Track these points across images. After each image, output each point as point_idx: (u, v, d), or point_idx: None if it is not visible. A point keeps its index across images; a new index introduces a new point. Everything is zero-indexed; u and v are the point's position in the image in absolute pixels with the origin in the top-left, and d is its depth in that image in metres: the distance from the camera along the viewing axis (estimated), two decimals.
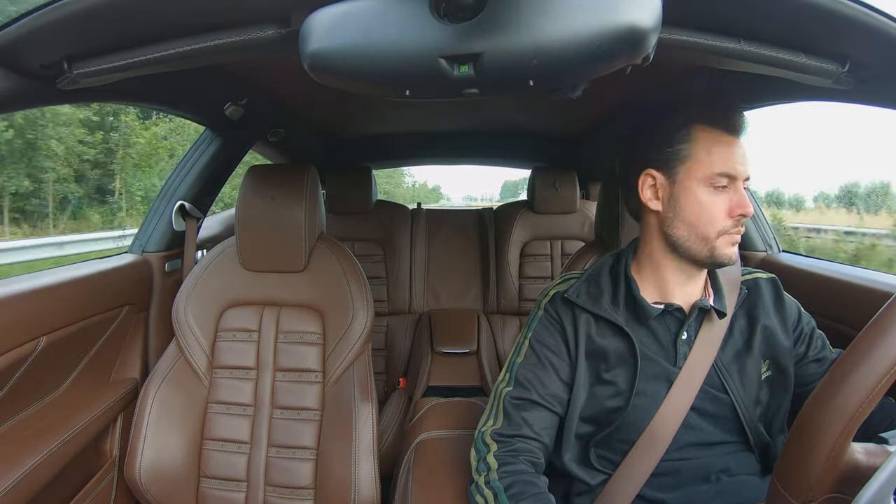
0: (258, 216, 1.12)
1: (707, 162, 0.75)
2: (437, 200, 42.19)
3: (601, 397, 0.79)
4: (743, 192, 0.75)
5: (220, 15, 0.62)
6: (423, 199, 34.76)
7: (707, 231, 0.76)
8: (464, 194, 60.88)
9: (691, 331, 0.80)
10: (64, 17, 0.58)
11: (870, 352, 0.47)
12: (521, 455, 0.77)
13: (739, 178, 0.75)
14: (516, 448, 0.78)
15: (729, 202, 0.75)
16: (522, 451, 0.78)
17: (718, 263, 0.77)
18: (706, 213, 0.76)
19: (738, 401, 0.78)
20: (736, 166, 0.75)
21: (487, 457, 0.78)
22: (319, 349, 1.10)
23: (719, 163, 0.75)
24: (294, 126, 1.60)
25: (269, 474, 1.06)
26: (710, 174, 0.75)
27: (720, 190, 0.75)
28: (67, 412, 1.00)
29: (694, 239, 0.77)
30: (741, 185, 0.75)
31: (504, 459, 0.77)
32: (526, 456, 0.78)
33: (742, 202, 0.75)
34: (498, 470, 0.76)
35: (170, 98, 1.07)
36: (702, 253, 0.77)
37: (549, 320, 0.85)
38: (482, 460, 0.78)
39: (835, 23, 0.57)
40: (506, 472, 0.76)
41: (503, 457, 0.77)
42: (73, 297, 1.01)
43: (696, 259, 0.78)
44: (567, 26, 0.47)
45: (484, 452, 0.79)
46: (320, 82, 0.56)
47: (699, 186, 0.76)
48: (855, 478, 0.47)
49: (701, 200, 0.76)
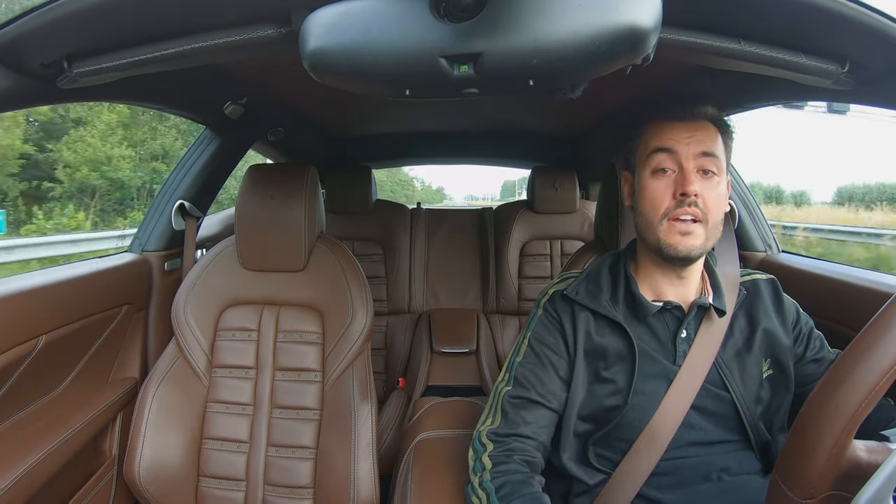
0: (258, 215, 1.12)
1: (645, 146, 0.78)
2: (441, 200, 43.99)
3: (600, 395, 0.79)
4: (689, 171, 0.74)
5: (220, 14, 0.62)
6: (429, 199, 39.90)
7: (651, 216, 0.77)
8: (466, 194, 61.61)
9: (691, 329, 0.80)
10: (64, 15, 0.58)
11: (873, 348, 0.47)
12: (516, 454, 0.77)
13: (682, 156, 0.75)
14: (511, 447, 0.78)
15: (674, 185, 0.75)
16: (517, 451, 0.78)
17: (665, 254, 0.76)
18: (649, 199, 0.77)
19: (739, 399, 0.78)
20: (671, 142, 0.75)
21: (483, 457, 0.78)
22: (319, 349, 1.10)
23: (653, 140, 0.77)
24: (294, 125, 1.60)
25: (268, 473, 1.06)
26: (647, 153, 0.77)
27: (662, 174, 0.76)
28: (67, 411, 1.00)
29: (645, 227, 0.78)
30: (689, 164, 0.75)
31: (498, 459, 0.77)
32: (520, 455, 0.77)
33: (683, 181, 0.74)
34: (491, 470, 0.76)
35: (169, 97, 1.07)
36: (652, 242, 0.77)
37: (549, 319, 0.85)
38: (478, 460, 0.78)
39: (834, 23, 0.57)
40: (498, 472, 0.75)
41: (497, 456, 0.77)
42: (72, 297, 1.01)
43: (651, 249, 0.79)
44: (567, 26, 0.47)
45: (480, 452, 0.79)
46: (320, 82, 0.56)
47: (643, 172, 0.78)
48: (856, 475, 0.47)
49: (644, 186, 0.78)
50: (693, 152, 0.75)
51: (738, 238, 1.38)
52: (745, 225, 1.39)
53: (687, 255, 0.75)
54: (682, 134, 0.76)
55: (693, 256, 0.76)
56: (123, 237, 7.90)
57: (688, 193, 0.73)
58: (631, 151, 0.83)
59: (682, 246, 0.74)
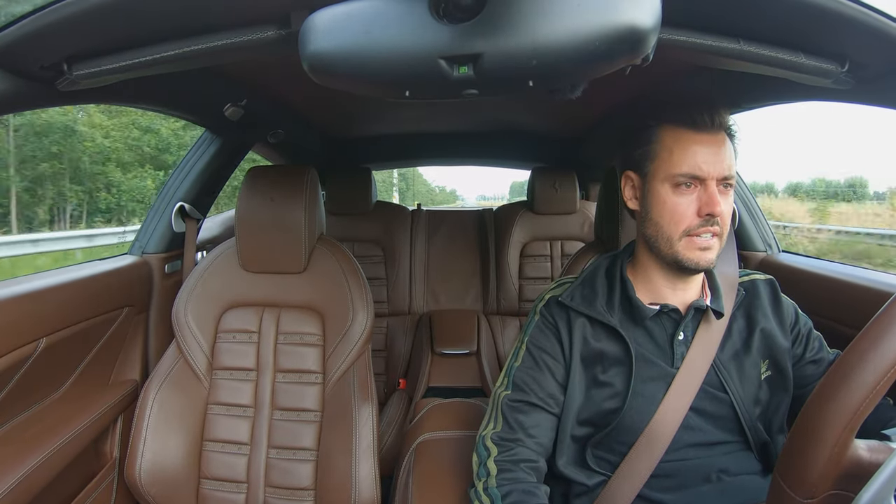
0: (258, 217, 1.12)
1: (669, 161, 0.75)
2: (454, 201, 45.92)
3: (598, 399, 0.79)
4: (713, 190, 0.73)
5: (220, 16, 0.62)
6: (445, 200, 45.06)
7: (670, 231, 0.75)
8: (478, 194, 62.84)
9: (688, 331, 0.80)
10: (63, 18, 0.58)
11: (875, 346, 0.47)
12: (522, 463, 0.77)
13: (708, 178, 0.73)
14: (516, 453, 0.78)
15: (698, 201, 0.74)
16: (523, 459, 0.78)
17: (683, 267, 0.76)
18: (669, 213, 0.75)
19: (738, 400, 0.78)
20: (700, 166, 0.73)
21: (488, 462, 0.78)
22: (319, 350, 1.10)
23: (681, 163, 0.74)
24: (294, 127, 1.60)
25: (269, 475, 1.06)
26: (672, 174, 0.75)
27: (686, 189, 0.74)
28: (67, 413, 1.00)
29: (660, 239, 0.77)
30: (712, 184, 0.73)
31: (504, 466, 0.77)
32: (526, 463, 0.77)
33: (709, 201, 0.73)
34: (497, 476, 0.76)
35: (169, 99, 1.07)
36: (667, 254, 0.77)
37: (545, 324, 0.85)
38: (482, 465, 0.78)
39: (834, 23, 0.57)
40: (505, 479, 0.75)
41: (503, 463, 0.77)
42: (73, 299, 1.01)
43: (665, 260, 0.78)
44: (566, 26, 0.47)
45: (484, 457, 0.79)
46: (320, 83, 0.56)
47: (663, 186, 0.76)
48: (857, 474, 0.47)
49: (665, 200, 0.76)
50: (718, 174, 0.73)
51: (739, 238, 1.38)
52: (745, 225, 1.39)
53: (707, 268, 0.76)
54: (707, 153, 0.73)
55: (710, 267, 0.77)
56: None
57: (714, 215, 0.73)
58: (643, 156, 0.79)
59: (703, 261, 0.75)
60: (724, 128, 0.76)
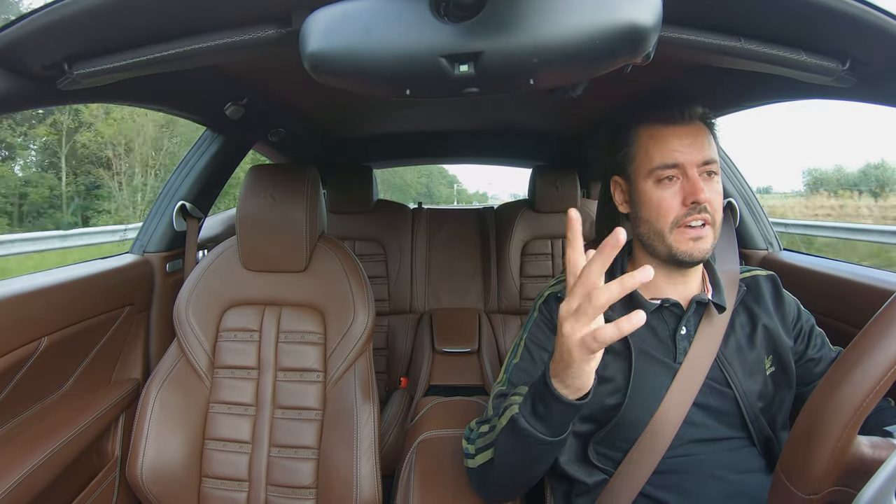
0: (259, 216, 1.12)
1: (647, 158, 0.77)
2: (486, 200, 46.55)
3: (600, 395, 0.79)
4: (695, 177, 0.74)
5: (221, 15, 0.62)
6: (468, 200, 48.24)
7: (660, 225, 0.77)
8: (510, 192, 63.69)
9: (690, 326, 0.80)
10: (64, 17, 0.58)
11: (877, 344, 0.47)
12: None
13: (687, 165, 0.75)
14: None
15: (682, 192, 0.75)
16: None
17: (678, 260, 0.77)
18: (656, 208, 0.77)
19: (741, 395, 0.78)
20: (676, 154, 0.75)
21: (472, 429, 0.81)
22: (321, 349, 1.10)
23: (658, 156, 0.76)
24: (294, 126, 1.60)
25: (270, 474, 1.06)
26: (652, 168, 0.76)
27: (669, 182, 0.76)
28: (69, 413, 1.01)
29: (652, 235, 0.78)
30: (693, 171, 0.75)
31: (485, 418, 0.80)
32: None
33: (693, 189, 0.74)
34: (478, 422, 0.80)
35: (170, 98, 1.07)
36: (662, 250, 0.77)
37: (544, 320, 0.85)
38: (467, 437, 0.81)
39: (835, 20, 0.57)
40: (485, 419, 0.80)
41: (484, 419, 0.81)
42: (74, 298, 1.01)
43: (661, 257, 0.79)
44: (567, 25, 0.47)
45: (469, 433, 0.82)
46: (320, 82, 0.56)
47: (646, 183, 0.78)
48: (860, 471, 0.47)
49: (650, 196, 0.77)
50: (696, 160, 0.75)
51: (740, 236, 1.38)
52: (746, 222, 1.39)
53: (702, 258, 0.76)
54: (682, 142, 0.75)
55: (707, 258, 0.77)
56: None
57: (700, 202, 0.74)
58: (625, 159, 0.81)
59: (697, 252, 0.75)
60: (698, 118, 0.78)
